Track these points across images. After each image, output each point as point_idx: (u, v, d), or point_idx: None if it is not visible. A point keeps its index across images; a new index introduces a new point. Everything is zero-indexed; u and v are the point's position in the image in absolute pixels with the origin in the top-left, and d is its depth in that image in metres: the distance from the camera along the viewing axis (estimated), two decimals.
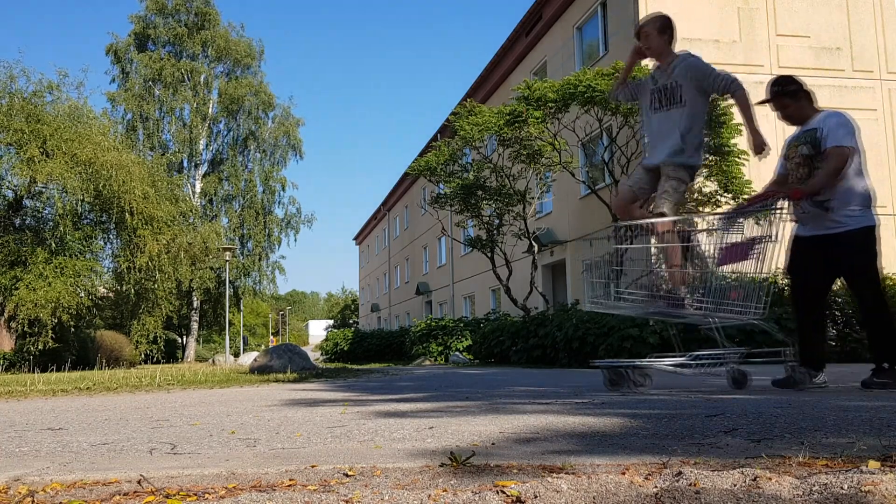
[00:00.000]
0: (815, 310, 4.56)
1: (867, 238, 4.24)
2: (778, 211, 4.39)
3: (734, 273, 4.36)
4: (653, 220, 4.54)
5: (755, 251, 4.37)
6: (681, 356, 4.49)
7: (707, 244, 4.51)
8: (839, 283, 12.67)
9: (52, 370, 14.10)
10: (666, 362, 4.60)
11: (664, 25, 4.47)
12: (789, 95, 4.44)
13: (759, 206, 4.42)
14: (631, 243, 4.53)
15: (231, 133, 33.33)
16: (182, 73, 31.62)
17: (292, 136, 33.63)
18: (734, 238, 4.45)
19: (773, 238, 4.38)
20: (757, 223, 4.44)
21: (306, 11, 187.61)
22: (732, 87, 4.35)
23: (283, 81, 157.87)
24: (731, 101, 13.76)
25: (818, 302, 4.57)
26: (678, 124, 4.39)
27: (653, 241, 4.49)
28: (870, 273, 4.29)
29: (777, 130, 15.08)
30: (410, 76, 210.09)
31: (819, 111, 4.45)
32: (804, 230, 4.48)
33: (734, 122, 13.02)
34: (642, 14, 14.87)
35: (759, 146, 4.44)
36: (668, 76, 4.42)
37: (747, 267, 4.39)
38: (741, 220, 4.50)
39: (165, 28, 31.93)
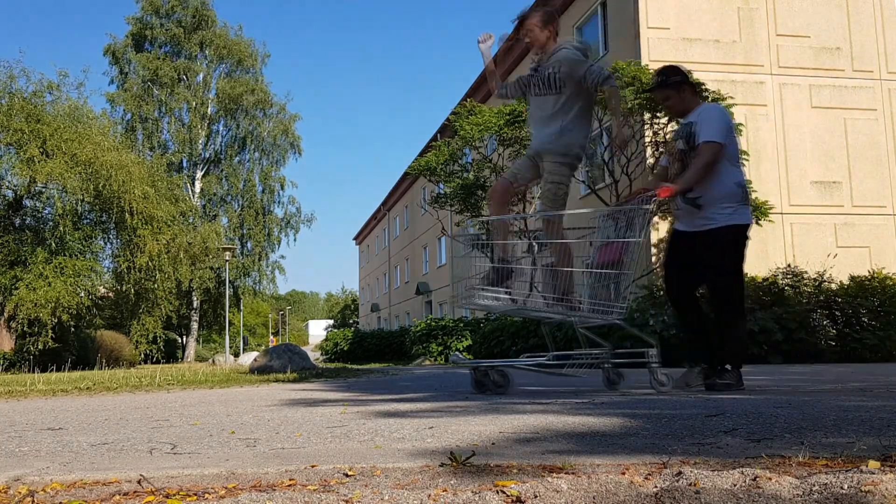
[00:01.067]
0: (692, 306, 4.43)
1: (733, 237, 4.15)
2: (644, 210, 4.21)
3: (601, 272, 4.23)
4: (517, 217, 4.48)
5: (625, 250, 4.24)
6: (542, 356, 4.41)
7: (586, 243, 4.40)
8: (838, 282, 12.57)
9: (52, 370, 14.11)
10: (528, 362, 4.52)
11: (546, 20, 4.40)
12: (672, 86, 4.33)
13: (631, 204, 4.27)
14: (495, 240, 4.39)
15: (230, 132, 33.38)
16: (179, 73, 31.64)
17: (290, 134, 33.65)
18: (609, 237, 4.31)
19: (638, 237, 4.22)
20: (628, 221, 4.28)
21: (306, 10, 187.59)
22: (602, 80, 4.24)
23: (281, 81, 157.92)
24: (731, 101, 13.75)
25: (692, 297, 4.44)
26: (558, 111, 4.31)
27: (531, 239, 4.40)
28: (730, 274, 4.20)
29: (777, 129, 15.09)
30: (411, 76, 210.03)
31: (701, 104, 4.33)
32: (680, 224, 4.41)
33: (734, 122, 13.02)
34: (642, 14, 14.87)
35: (623, 142, 4.46)
36: (547, 65, 4.36)
37: (614, 266, 4.23)
38: (616, 218, 4.34)
39: (162, 29, 31.96)
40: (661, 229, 14.30)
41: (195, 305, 31.77)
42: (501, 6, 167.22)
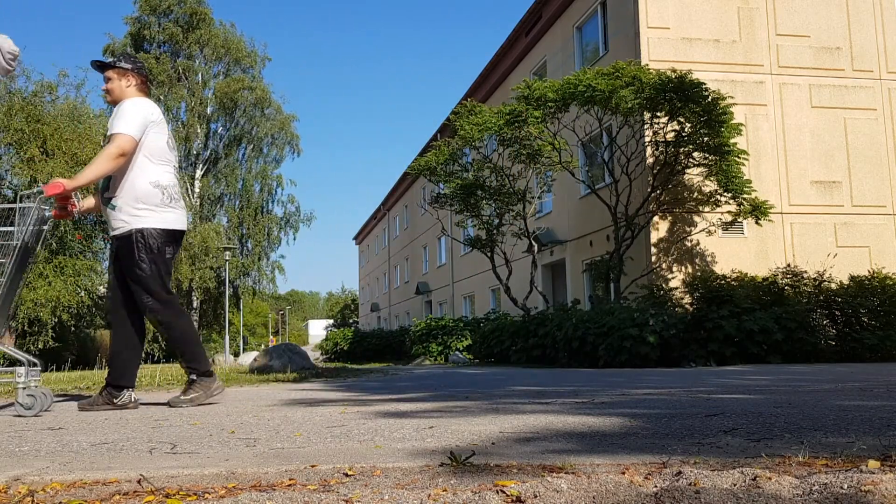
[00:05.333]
0: (126, 318, 4.04)
1: (145, 242, 3.82)
2: (24, 208, 3.75)
3: None
4: None
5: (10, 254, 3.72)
6: None
7: None
8: (838, 282, 12.49)
9: (51, 370, 14.09)
10: None
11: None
12: (116, 69, 4.02)
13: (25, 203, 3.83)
14: None
15: (228, 132, 33.37)
16: (177, 73, 31.67)
17: (288, 132, 33.65)
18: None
19: (18, 239, 3.70)
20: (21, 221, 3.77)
21: (306, 9, 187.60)
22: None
23: (281, 79, 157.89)
24: (731, 101, 13.71)
25: (128, 309, 4.03)
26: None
27: None
28: (145, 281, 3.85)
29: (777, 129, 15.09)
30: (410, 75, 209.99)
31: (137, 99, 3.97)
32: (111, 229, 4.00)
33: (734, 121, 13.02)
34: (642, 14, 14.87)
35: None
36: None
37: None
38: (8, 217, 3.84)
39: (160, 28, 32.01)
40: (660, 229, 14.30)
41: (195, 305, 31.77)
42: (501, 5, 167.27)
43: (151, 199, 3.86)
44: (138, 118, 3.84)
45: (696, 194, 14.12)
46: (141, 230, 3.83)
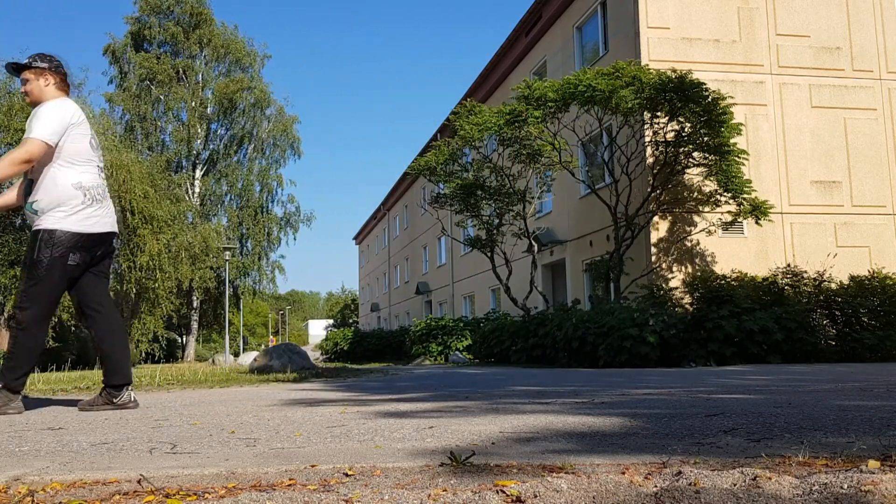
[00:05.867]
0: (101, 317, 4.02)
1: (49, 241, 3.69)
2: None
3: None
4: None
5: None
6: None
7: None
8: (838, 282, 12.48)
9: (51, 369, 14.10)
10: None
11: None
12: (33, 69, 3.86)
13: None
14: None
15: (228, 132, 33.38)
16: (178, 72, 31.68)
17: (290, 134, 33.66)
18: None
19: None
20: None
21: (306, 9, 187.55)
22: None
23: (281, 79, 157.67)
24: (731, 101, 13.72)
25: (97, 308, 4.02)
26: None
27: None
28: (30, 284, 3.71)
29: (777, 129, 15.09)
30: (410, 75, 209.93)
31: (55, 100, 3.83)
32: None
33: (734, 121, 13.02)
34: (642, 14, 14.87)
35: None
36: None
37: None
38: None
39: (160, 28, 32.02)
40: (660, 229, 14.30)
41: (195, 305, 31.79)
42: (501, 5, 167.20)
43: (71, 200, 3.75)
44: (55, 122, 3.70)
45: (696, 194, 14.12)
46: (50, 230, 3.71)
